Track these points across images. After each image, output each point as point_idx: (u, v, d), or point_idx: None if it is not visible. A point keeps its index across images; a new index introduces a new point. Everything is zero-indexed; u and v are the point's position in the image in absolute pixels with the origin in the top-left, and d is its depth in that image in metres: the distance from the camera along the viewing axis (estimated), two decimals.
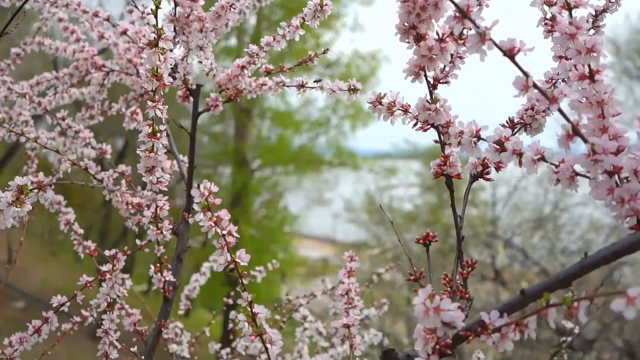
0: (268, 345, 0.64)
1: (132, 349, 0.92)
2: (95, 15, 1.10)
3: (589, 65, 0.53)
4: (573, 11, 0.56)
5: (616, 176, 0.52)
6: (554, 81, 0.67)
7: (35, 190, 0.66)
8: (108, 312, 0.93)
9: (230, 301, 1.43)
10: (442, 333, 0.52)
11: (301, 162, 12.30)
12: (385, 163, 11.55)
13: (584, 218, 7.48)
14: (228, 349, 1.39)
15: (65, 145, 1.19)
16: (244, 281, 0.66)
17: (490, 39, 0.50)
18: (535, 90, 0.50)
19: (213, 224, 0.61)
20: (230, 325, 1.35)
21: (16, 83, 1.18)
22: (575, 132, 0.51)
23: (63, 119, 1.13)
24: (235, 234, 0.63)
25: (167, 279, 0.97)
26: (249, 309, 0.65)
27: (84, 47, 1.20)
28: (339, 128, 12.58)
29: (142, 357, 0.93)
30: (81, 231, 1.09)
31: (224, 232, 0.62)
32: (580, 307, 0.45)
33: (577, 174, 0.54)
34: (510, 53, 0.50)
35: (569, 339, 1.15)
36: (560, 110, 0.51)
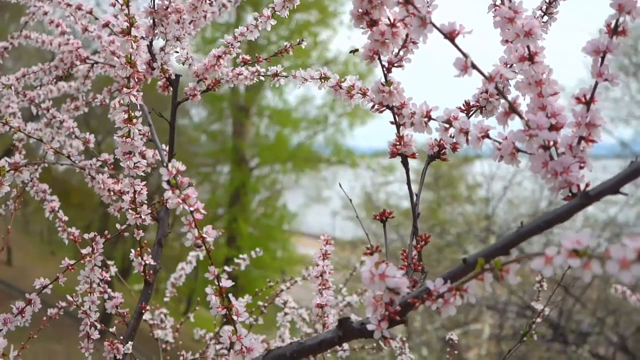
0: (234, 317, 0.68)
1: (111, 330, 0.95)
2: (79, 8, 1.13)
3: (527, 47, 0.56)
4: None
5: (554, 151, 0.56)
6: (508, 65, 0.71)
7: (12, 171, 0.70)
8: (89, 294, 0.96)
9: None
10: (388, 298, 0.55)
11: (299, 160, 12.34)
12: (383, 161, 11.61)
13: (579, 214, 7.53)
14: (211, 334, 1.43)
15: (52, 137, 1.22)
16: (208, 253, 0.69)
17: (431, 23, 0.53)
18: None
19: (181, 201, 0.65)
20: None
21: (3, 76, 1.21)
22: (512, 109, 0.54)
23: (47, 109, 1.16)
24: (203, 211, 0.66)
25: (147, 262, 1.00)
26: (217, 283, 0.68)
27: (68, 39, 1.23)
28: (336, 126, 12.62)
29: (121, 337, 0.96)
30: (66, 218, 1.12)
31: (192, 209, 0.65)
32: (510, 271, 0.49)
33: (518, 149, 0.57)
34: (450, 36, 0.54)
35: (538, 320, 1.18)
36: (497, 89, 0.54)
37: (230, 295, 0.68)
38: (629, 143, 9.06)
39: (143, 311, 1.02)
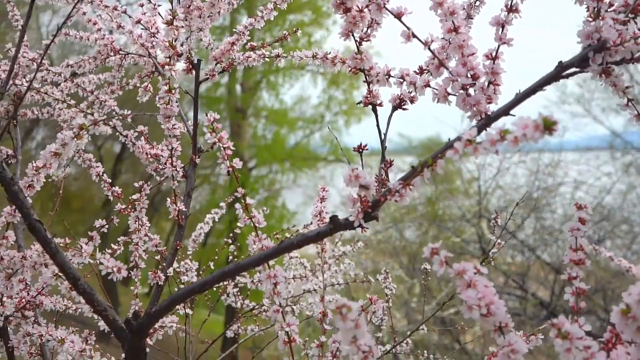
0: (256, 225, 0.94)
1: (156, 257, 1.21)
2: (115, 9, 1.39)
3: (453, 22, 0.82)
4: None
5: (472, 91, 0.82)
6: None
7: (92, 125, 0.96)
8: (137, 232, 1.22)
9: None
10: (362, 194, 0.81)
11: (297, 160, 12.59)
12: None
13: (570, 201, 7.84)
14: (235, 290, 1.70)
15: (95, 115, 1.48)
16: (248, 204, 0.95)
17: (385, 7, 0.79)
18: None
19: (217, 141, 0.91)
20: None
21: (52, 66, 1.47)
22: (440, 64, 0.81)
23: (92, 92, 1.42)
24: (232, 148, 0.92)
25: (180, 209, 1.26)
26: (243, 201, 0.94)
27: (104, 35, 1.48)
28: (333, 124, 12.88)
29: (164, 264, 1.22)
30: (109, 180, 1.38)
31: (225, 146, 0.91)
32: (438, 164, 0.75)
33: (449, 93, 0.83)
34: (399, 16, 0.80)
35: (495, 250, 1.44)
36: (430, 50, 0.80)
37: (253, 209, 0.94)
38: (620, 133, 9.32)
39: (178, 248, 1.28)
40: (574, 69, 0.75)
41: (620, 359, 0.63)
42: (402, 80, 0.88)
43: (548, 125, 0.57)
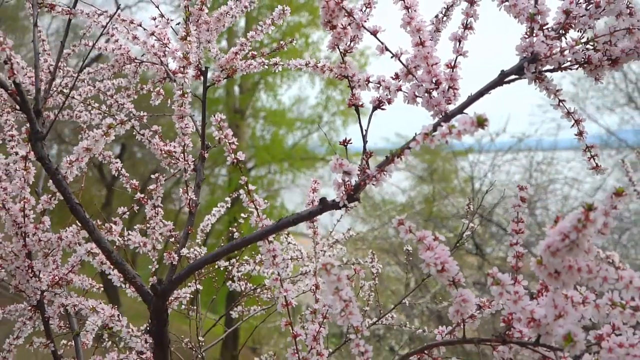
0: (258, 207, 1.12)
1: (172, 240, 1.39)
2: (132, 22, 1.56)
3: (419, 37, 1.00)
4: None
5: (435, 94, 1.00)
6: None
7: (119, 125, 1.13)
8: (153, 218, 1.40)
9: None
10: (347, 178, 0.99)
11: (295, 160, 12.75)
12: (379, 158, 11.98)
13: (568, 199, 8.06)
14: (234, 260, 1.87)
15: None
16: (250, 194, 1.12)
17: (363, 26, 0.97)
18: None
19: (223, 137, 1.09)
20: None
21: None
22: (409, 72, 0.99)
23: (112, 95, 1.60)
24: (236, 143, 1.10)
25: (191, 197, 1.44)
26: (246, 187, 1.12)
27: (121, 45, 1.66)
28: (330, 124, 13.04)
29: (178, 244, 1.40)
30: (127, 175, 1.56)
31: (230, 141, 1.09)
32: (405, 153, 0.92)
33: (417, 96, 1.01)
34: (374, 33, 0.98)
35: (468, 233, 1.61)
36: (400, 61, 0.98)
37: (254, 194, 1.12)
38: (614, 131, 9.51)
39: (189, 232, 1.45)
40: (513, 76, 0.93)
41: (541, 303, 0.80)
42: (379, 85, 1.06)
43: (481, 122, 0.75)
